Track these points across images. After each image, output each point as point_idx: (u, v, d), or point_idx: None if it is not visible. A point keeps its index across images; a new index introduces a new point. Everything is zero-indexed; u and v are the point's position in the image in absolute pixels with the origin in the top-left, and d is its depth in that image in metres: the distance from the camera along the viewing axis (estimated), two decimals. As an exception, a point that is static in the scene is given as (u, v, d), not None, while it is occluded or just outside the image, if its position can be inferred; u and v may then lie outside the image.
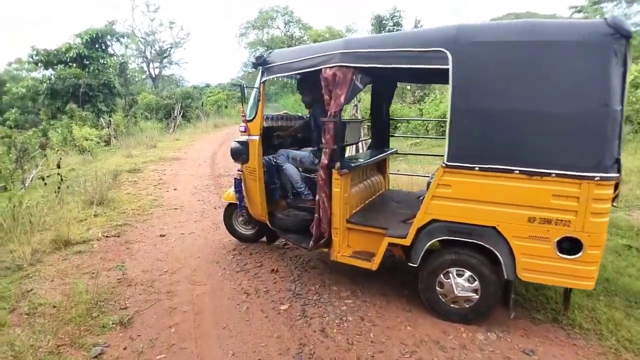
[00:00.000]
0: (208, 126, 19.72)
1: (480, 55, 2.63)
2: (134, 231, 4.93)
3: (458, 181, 2.74)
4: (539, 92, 2.53)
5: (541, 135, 2.53)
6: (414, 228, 2.91)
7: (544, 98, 2.51)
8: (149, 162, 9.91)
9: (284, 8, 39.67)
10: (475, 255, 2.87)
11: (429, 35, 2.77)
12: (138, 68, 32.09)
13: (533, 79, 2.54)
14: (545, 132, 2.52)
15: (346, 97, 2.94)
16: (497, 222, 2.71)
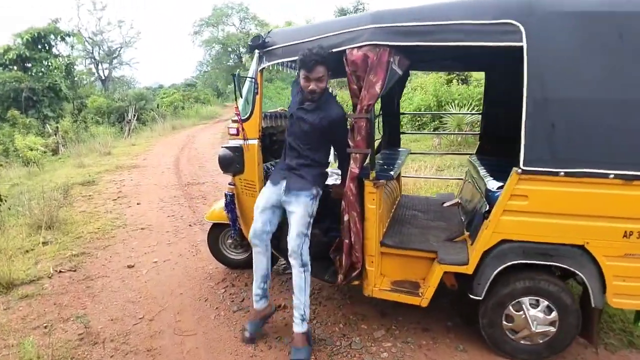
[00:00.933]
0: (166, 129, 18.31)
1: (562, 30, 2.02)
2: (95, 262, 3.98)
3: (537, 190, 2.12)
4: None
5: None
6: (478, 252, 2.26)
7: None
8: (105, 171, 8.73)
9: (239, 4, 38.47)
10: (555, 280, 2.30)
11: (493, 4, 2.11)
12: (86, 70, 29.79)
13: (632, 60, 1.97)
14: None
15: (383, 86, 2.24)
16: (584, 239, 2.15)
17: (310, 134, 2.45)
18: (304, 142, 2.49)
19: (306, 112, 2.44)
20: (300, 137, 2.49)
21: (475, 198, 2.84)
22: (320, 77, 2.31)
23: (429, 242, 2.62)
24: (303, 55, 2.26)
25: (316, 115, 2.42)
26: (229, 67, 37.55)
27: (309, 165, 2.51)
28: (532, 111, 2.05)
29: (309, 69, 2.27)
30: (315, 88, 2.33)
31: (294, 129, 2.51)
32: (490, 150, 3.71)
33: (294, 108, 2.51)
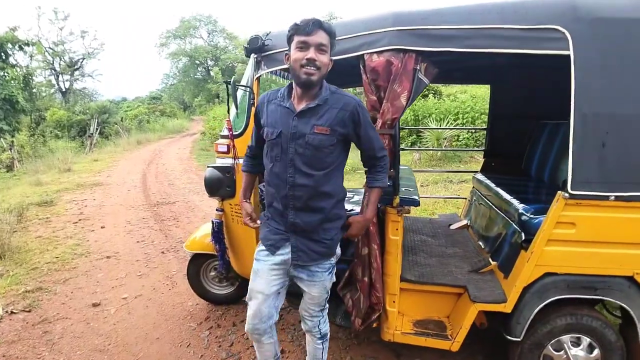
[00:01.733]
0: (130, 143, 17.50)
1: (612, 38, 1.80)
2: (53, 300, 3.41)
3: (586, 217, 1.87)
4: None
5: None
6: (518, 287, 1.96)
7: None
8: (64, 190, 8.00)
9: (207, 17, 38.00)
10: (598, 315, 2.05)
11: (535, 7, 1.85)
12: (45, 81, 28.28)
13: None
14: None
15: (409, 98, 1.93)
16: (634, 269, 1.92)
17: (321, 151, 1.64)
18: (310, 170, 1.65)
19: (305, 116, 1.63)
20: (303, 163, 1.64)
21: (496, 222, 2.57)
22: (322, 46, 1.56)
23: (453, 274, 2.31)
24: (299, 21, 1.58)
25: (324, 113, 1.63)
26: (196, 80, 36.85)
27: (322, 212, 1.71)
28: (581, 128, 1.80)
29: (307, 31, 1.54)
30: (315, 57, 1.54)
31: (287, 156, 1.65)
32: (497, 168, 3.49)
33: (278, 119, 1.69)
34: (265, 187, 1.81)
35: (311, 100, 1.65)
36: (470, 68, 3.14)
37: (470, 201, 3.40)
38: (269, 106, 1.75)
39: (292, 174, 1.66)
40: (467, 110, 10.51)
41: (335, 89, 1.69)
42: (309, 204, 1.69)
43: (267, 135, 1.70)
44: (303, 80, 1.58)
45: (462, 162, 9.15)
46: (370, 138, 1.74)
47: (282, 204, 1.71)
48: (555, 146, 2.83)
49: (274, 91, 1.77)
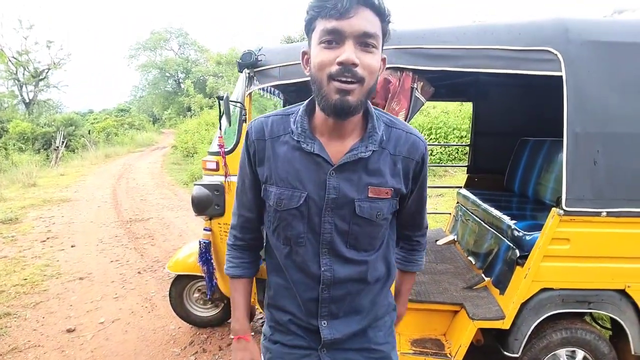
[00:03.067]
0: (98, 157, 16.91)
1: (603, 60, 1.87)
2: (23, 326, 3.18)
3: (580, 233, 1.92)
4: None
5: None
6: (516, 304, 1.98)
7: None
8: (30, 206, 7.60)
9: (178, 29, 37.67)
10: (591, 328, 2.10)
11: (528, 29, 1.91)
12: (8, 92, 27.08)
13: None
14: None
15: (407, 116, 1.94)
16: (626, 283, 1.98)
17: (378, 225, 1.02)
18: (358, 254, 1.03)
19: (350, 171, 0.97)
20: (349, 246, 1.02)
21: (487, 239, 2.59)
22: (369, 37, 0.85)
23: (448, 292, 2.30)
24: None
25: (381, 164, 0.99)
26: (166, 93, 36.26)
27: (372, 311, 1.10)
28: (573, 147, 1.85)
29: (341, 11, 0.83)
30: (354, 59, 0.84)
31: (319, 237, 1.00)
32: (480, 183, 3.56)
33: (298, 173, 0.99)
34: (271, 280, 1.13)
35: (354, 140, 0.98)
36: (454, 85, 3.20)
37: (456, 217, 3.43)
38: (276, 147, 1.01)
39: (328, 264, 1.01)
40: (440, 125, 10.76)
41: (389, 119, 1.04)
42: (355, 306, 1.07)
43: (277, 202, 1.00)
44: (334, 103, 0.87)
45: (437, 176, 9.32)
46: (423, 199, 1.14)
47: (307, 311, 1.05)
48: (538, 163, 2.91)
49: (276, 117, 1.04)
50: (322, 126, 0.97)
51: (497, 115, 3.46)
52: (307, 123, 0.99)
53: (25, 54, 26.78)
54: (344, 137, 0.98)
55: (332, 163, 0.96)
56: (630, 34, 1.90)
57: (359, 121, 0.99)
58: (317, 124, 0.98)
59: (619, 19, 2.09)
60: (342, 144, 0.97)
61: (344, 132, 0.97)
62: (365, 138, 0.97)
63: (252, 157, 1.04)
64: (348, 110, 0.87)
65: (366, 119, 1.00)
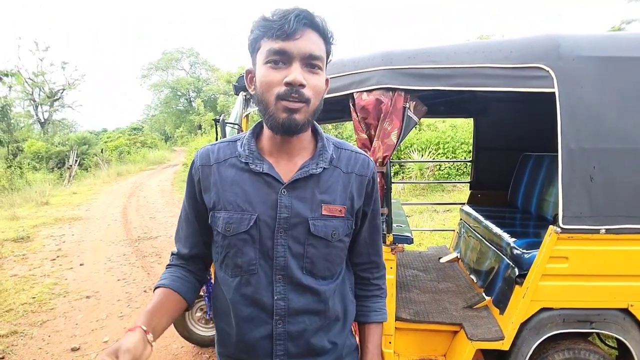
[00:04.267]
0: (110, 175, 17.18)
1: (595, 76, 1.87)
2: (30, 345, 3.22)
3: (578, 251, 1.88)
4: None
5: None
6: (515, 324, 1.94)
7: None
8: (42, 225, 7.74)
9: (189, 49, 38.53)
10: (596, 349, 2.04)
11: (519, 47, 1.92)
12: (24, 112, 27.85)
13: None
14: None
15: (399, 136, 1.95)
16: (628, 302, 1.93)
17: (334, 247, 0.99)
18: (316, 281, 0.98)
19: (301, 189, 0.96)
20: (306, 271, 0.97)
21: (488, 256, 2.56)
22: (314, 58, 0.87)
23: (448, 311, 2.27)
24: (269, 13, 0.87)
25: (333, 182, 0.98)
26: (178, 111, 36.97)
27: (334, 351, 1.04)
28: (568, 163, 1.84)
29: (287, 32, 0.83)
30: (301, 79, 0.85)
31: (272, 261, 0.95)
32: (483, 200, 3.53)
33: (246, 195, 0.95)
34: (218, 327, 1.05)
35: (304, 158, 0.98)
36: (453, 102, 3.22)
37: (459, 233, 3.40)
38: (223, 171, 0.98)
39: (282, 293, 0.95)
40: (448, 140, 10.73)
41: (337, 140, 1.05)
42: (314, 343, 0.99)
43: (226, 227, 0.95)
44: (282, 122, 0.87)
45: (445, 191, 9.26)
46: (376, 227, 1.11)
47: (261, 352, 0.97)
48: (540, 178, 2.89)
49: (223, 144, 1.02)
50: (271, 146, 0.97)
51: (499, 130, 3.46)
52: (255, 145, 0.98)
53: (41, 75, 27.58)
54: (293, 156, 0.97)
55: (283, 181, 0.94)
56: (622, 48, 1.89)
57: (308, 140, 0.99)
58: (265, 144, 0.98)
59: (611, 33, 2.09)
60: (291, 162, 0.97)
61: (292, 150, 0.97)
62: (316, 156, 0.97)
63: (196, 185, 1.00)
64: (295, 128, 0.88)
65: (315, 139, 1.02)
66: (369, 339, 1.11)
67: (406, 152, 11.03)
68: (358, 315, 1.12)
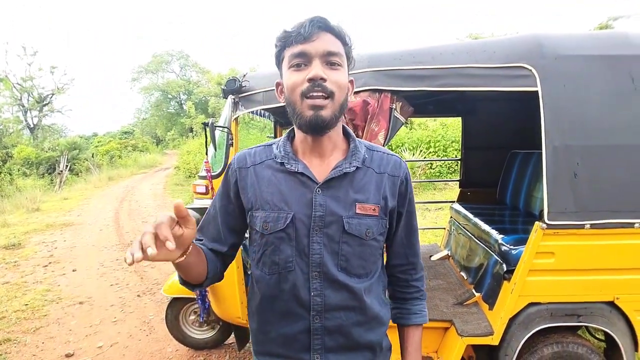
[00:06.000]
0: (102, 180, 17.02)
1: (576, 74, 1.91)
2: (23, 352, 3.20)
3: (564, 246, 1.92)
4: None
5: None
6: (504, 319, 1.98)
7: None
8: (33, 231, 7.67)
9: (179, 52, 38.32)
10: (584, 342, 2.08)
11: (503, 47, 1.96)
12: (13, 117, 27.52)
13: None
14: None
15: (386, 136, 1.98)
16: (614, 294, 1.98)
17: (369, 245, 1.00)
18: (351, 279, 1.00)
19: (336, 188, 0.98)
20: (341, 268, 0.98)
21: (477, 253, 2.60)
22: (333, 55, 0.91)
23: (438, 308, 2.31)
24: (289, 27, 0.94)
25: (367, 181, 1.01)
26: (169, 114, 36.74)
27: (372, 351, 1.06)
28: (553, 160, 1.87)
29: (305, 36, 0.90)
30: (321, 73, 0.89)
31: (308, 259, 0.97)
32: (473, 197, 3.57)
33: (281, 194, 0.99)
34: (252, 325, 1.08)
35: (337, 159, 1.01)
36: (441, 101, 3.25)
37: (449, 231, 3.44)
38: (259, 172, 1.02)
39: (318, 289, 0.97)
40: (439, 138, 10.81)
41: (369, 143, 1.08)
42: (351, 341, 1.01)
43: (263, 226, 0.98)
44: (309, 118, 0.90)
45: (437, 189, 9.32)
46: (413, 227, 1.12)
47: (299, 346, 1.00)
48: (527, 175, 2.93)
49: (259, 148, 1.07)
50: (303, 147, 1.01)
51: (487, 129, 3.50)
52: (290, 147, 1.02)
53: (30, 79, 27.28)
54: (325, 156, 1.00)
55: (317, 181, 0.97)
56: (603, 47, 1.94)
57: (339, 141, 1.03)
58: (298, 146, 1.02)
59: (593, 32, 2.14)
60: (324, 163, 1.00)
61: (324, 150, 1.00)
62: (349, 156, 1.00)
63: (232, 187, 1.04)
64: (323, 124, 0.91)
65: (347, 140, 1.05)
66: (410, 341, 1.13)
67: (397, 151, 11.09)
68: (398, 318, 1.15)
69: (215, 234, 1.08)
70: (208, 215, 1.10)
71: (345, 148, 1.04)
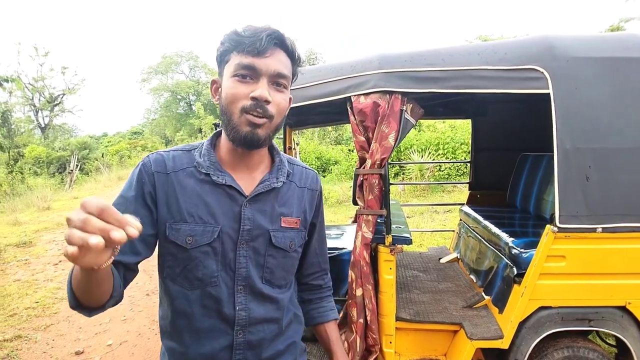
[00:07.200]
0: (111, 179, 17.22)
1: (588, 76, 1.89)
2: (34, 349, 3.24)
3: (575, 250, 1.90)
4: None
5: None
6: (514, 323, 1.96)
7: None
8: (43, 230, 7.77)
9: (189, 53, 38.56)
10: (595, 347, 2.06)
11: (514, 49, 1.95)
12: (24, 117, 27.90)
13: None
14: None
15: (397, 138, 1.97)
16: (626, 299, 1.95)
17: (290, 257, 1.05)
18: (273, 290, 1.01)
19: (261, 202, 0.99)
20: (265, 281, 1.00)
21: (487, 256, 2.59)
22: (281, 77, 0.91)
23: (447, 311, 2.29)
24: (241, 29, 0.90)
25: (290, 196, 1.04)
26: (178, 115, 36.97)
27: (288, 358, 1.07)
28: (564, 163, 1.86)
29: (258, 49, 0.87)
30: (267, 96, 0.88)
31: (233, 273, 0.96)
32: (482, 200, 3.55)
33: (208, 207, 0.94)
34: (167, 345, 1.01)
35: (262, 172, 1.01)
36: (451, 103, 3.24)
37: (459, 234, 3.43)
38: (181, 180, 0.95)
39: (243, 303, 0.96)
40: (447, 140, 10.76)
41: (288, 156, 1.10)
42: (271, 351, 1.02)
43: (187, 240, 0.92)
44: (243, 135, 0.89)
45: (446, 191, 9.28)
46: (323, 234, 1.19)
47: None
48: (538, 178, 2.91)
49: (177, 152, 1.00)
50: (230, 158, 0.98)
51: (497, 131, 3.48)
52: (214, 155, 0.98)
53: (41, 80, 27.62)
54: (251, 170, 1.00)
55: (245, 194, 0.96)
56: (615, 48, 1.92)
57: (265, 155, 1.03)
58: (225, 156, 0.99)
59: (604, 34, 2.11)
60: (250, 176, 0.99)
61: (251, 164, 0.99)
62: (275, 170, 1.01)
63: (148, 191, 0.93)
64: (257, 142, 0.91)
65: (272, 154, 1.06)
66: (333, 337, 1.18)
67: (406, 153, 11.06)
68: (315, 318, 1.19)
69: (123, 244, 0.84)
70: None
71: (269, 161, 1.05)
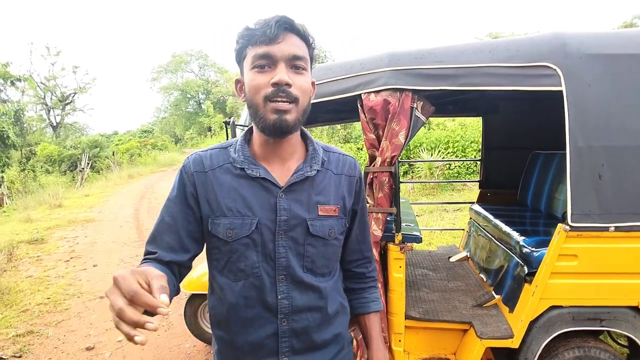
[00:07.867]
0: (122, 177, 17.35)
1: (602, 73, 1.86)
2: (45, 344, 3.30)
3: (587, 249, 1.88)
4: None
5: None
6: (524, 322, 1.95)
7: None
8: (55, 227, 7.87)
9: (198, 52, 38.82)
10: (606, 347, 2.04)
11: (526, 46, 1.93)
12: (36, 116, 28.33)
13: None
14: None
15: (407, 136, 1.96)
16: (639, 299, 1.92)
17: (331, 246, 1.04)
18: (315, 279, 1.02)
19: (297, 191, 0.99)
20: (307, 270, 1.01)
21: (497, 255, 2.57)
22: (298, 59, 0.91)
23: (457, 310, 2.28)
24: (252, 24, 0.92)
25: (326, 183, 1.03)
26: (187, 113, 37.28)
27: (337, 343, 1.08)
28: (577, 161, 1.84)
29: (269, 37, 0.88)
30: (286, 79, 0.88)
31: (274, 262, 0.98)
32: (493, 198, 3.53)
33: (245, 200, 0.97)
34: (217, 334, 1.05)
35: (297, 162, 1.02)
36: (462, 101, 3.22)
37: (469, 232, 3.40)
38: (218, 177, 0.99)
39: (285, 292, 0.99)
40: (457, 139, 10.68)
41: (325, 144, 1.10)
42: (317, 339, 1.03)
43: (227, 233, 0.96)
44: (272, 122, 0.89)
45: (455, 190, 9.22)
46: (366, 222, 1.17)
47: (267, 350, 1.00)
48: (549, 176, 2.88)
49: (214, 150, 1.03)
50: (263, 151, 1.00)
51: (508, 129, 3.45)
52: (248, 150, 1.00)
53: (53, 79, 28.00)
54: (285, 160, 1.00)
55: (280, 185, 0.97)
56: (629, 45, 1.89)
57: (298, 144, 1.03)
58: (257, 150, 1.01)
59: (618, 31, 2.08)
60: (284, 166, 1.00)
61: (284, 154, 1.00)
62: (309, 159, 1.01)
63: (190, 191, 0.99)
64: (286, 128, 0.91)
65: (305, 143, 1.06)
66: (373, 328, 1.19)
67: (415, 151, 11.00)
68: (357, 308, 1.18)
69: (174, 243, 0.99)
70: (162, 223, 1.01)
71: (303, 150, 1.05)
